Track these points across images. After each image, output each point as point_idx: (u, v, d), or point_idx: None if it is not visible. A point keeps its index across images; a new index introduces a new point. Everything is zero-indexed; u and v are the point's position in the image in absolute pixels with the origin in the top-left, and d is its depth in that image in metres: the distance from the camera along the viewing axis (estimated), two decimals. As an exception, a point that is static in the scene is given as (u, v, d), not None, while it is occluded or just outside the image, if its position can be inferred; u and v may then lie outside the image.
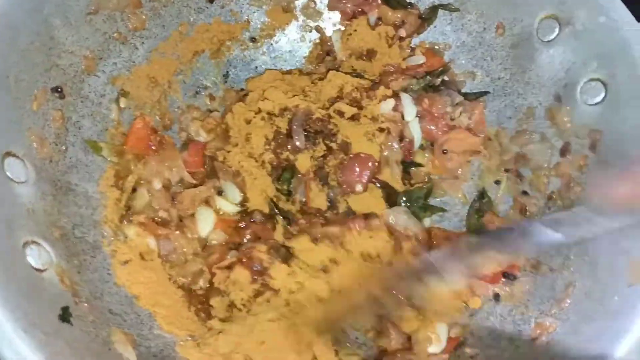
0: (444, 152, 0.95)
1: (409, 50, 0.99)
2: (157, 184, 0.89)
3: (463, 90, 0.98)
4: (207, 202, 0.90)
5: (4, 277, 0.62)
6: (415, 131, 0.94)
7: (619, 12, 0.79)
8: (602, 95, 0.81)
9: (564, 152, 0.88)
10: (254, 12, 0.98)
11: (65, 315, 0.67)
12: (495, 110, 0.96)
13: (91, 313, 0.72)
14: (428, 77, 0.96)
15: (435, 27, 0.98)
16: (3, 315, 0.60)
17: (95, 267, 0.79)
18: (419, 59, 0.98)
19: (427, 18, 0.98)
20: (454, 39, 0.98)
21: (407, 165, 0.95)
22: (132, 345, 0.73)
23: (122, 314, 0.77)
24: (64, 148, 0.81)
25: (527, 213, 0.90)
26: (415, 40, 0.99)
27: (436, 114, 0.94)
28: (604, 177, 0.56)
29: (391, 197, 0.93)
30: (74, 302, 0.71)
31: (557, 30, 0.85)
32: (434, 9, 0.98)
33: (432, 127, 0.94)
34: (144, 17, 0.89)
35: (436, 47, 0.99)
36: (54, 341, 0.62)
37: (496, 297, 0.86)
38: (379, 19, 0.99)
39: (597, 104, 0.82)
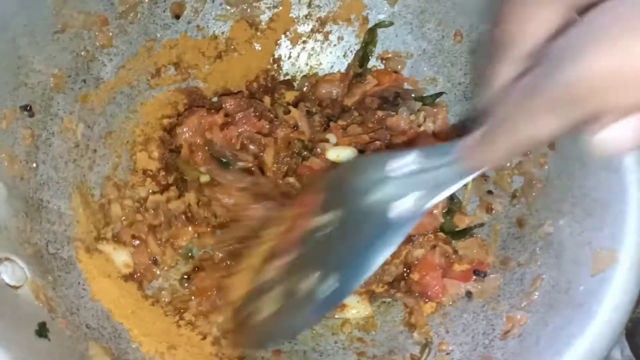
0: (413, 163, 0.97)
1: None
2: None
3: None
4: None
5: (-22, 294, 0.62)
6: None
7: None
8: (559, 94, 0.85)
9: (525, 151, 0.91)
10: (220, 26, 1.00)
11: (42, 331, 0.67)
12: (457, 115, 0.99)
13: (68, 328, 0.72)
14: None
15: (397, 36, 1.01)
16: (-22, 330, 0.60)
17: (71, 283, 0.79)
18: (368, 83, 1.02)
19: (369, 41, 1.02)
20: (415, 47, 1.01)
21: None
22: (111, 359, 0.73)
23: (99, 328, 0.77)
24: (34, 165, 0.81)
25: (493, 211, 0.93)
26: (379, 49, 1.03)
27: (401, 128, 0.96)
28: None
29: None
30: (50, 317, 0.70)
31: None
32: (372, 30, 1.02)
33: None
34: (110, 34, 0.89)
35: (398, 56, 1.02)
36: (31, 356, 0.62)
37: (468, 294, 0.89)
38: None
39: (554, 103, 0.86)
